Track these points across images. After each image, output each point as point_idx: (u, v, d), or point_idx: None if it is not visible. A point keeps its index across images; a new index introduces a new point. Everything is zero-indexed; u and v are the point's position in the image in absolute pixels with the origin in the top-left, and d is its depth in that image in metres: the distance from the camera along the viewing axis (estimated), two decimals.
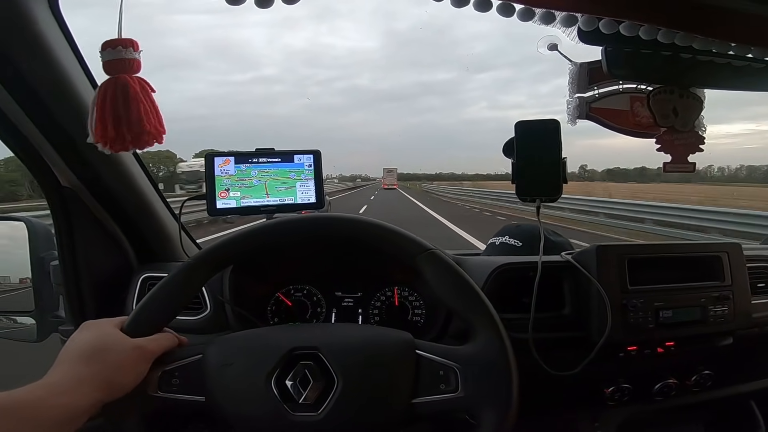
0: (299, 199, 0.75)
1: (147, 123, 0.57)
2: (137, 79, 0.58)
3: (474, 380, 0.47)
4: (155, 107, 0.59)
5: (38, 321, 0.83)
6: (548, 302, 0.73)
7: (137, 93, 0.57)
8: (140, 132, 0.57)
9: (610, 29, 0.66)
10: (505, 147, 0.74)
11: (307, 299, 0.83)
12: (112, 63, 0.56)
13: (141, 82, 0.58)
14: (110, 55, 0.56)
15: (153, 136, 0.59)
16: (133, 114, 0.56)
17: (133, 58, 0.57)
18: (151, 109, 0.58)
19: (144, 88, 0.58)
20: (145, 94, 0.58)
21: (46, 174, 0.71)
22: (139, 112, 0.56)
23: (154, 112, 0.58)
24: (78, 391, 0.42)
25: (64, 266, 0.76)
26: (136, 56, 0.57)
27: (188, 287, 0.54)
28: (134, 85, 0.57)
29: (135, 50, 0.57)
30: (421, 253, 0.54)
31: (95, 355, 0.45)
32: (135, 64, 0.57)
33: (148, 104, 0.58)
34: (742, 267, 0.77)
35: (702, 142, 0.77)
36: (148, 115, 0.57)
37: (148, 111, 0.57)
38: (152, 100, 0.59)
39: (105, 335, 0.47)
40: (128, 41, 0.56)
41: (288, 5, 0.61)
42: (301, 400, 0.46)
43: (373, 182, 74.06)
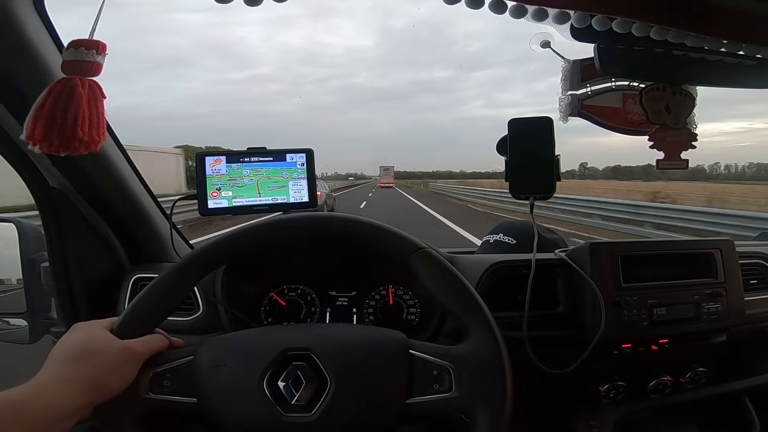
0: (292, 198, 0.75)
1: (81, 129, 0.55)
2: (88, 83, 0.56)
3: (468, 380, 0.47)
4: (99, 115, 0.57)
5: (30, 323, 0.82)
6: (542, 300, 0.73)
7: (81, 97, 0.54)
8: (71, 138, 0.55)
9: (603, 26, 0.66)
10: (499, 145, 0.74)
11: (301, 299, 0.82)
12: (71, 64, 0.54)
13: (92, 87, 0.56)
14: (71, 55, 0.54)
15: (84, 144, 0.56)
16: (69, 119, 0.54)
17: (93, 61, 0.55)
18: (93, 116, 0.56)
19: (93, 94, 0.56)
20: (92, 100, 0.56)
21: (34, 175, 0.70)
22: (76, 118, 0.54)
23: (94, 120, 0.56)
24: (65, 392, 0.42)
25: (54, 268, 0.75)
26: (98, 59, 0.55)
27: (180, 288, 0.53)
28: (81, 90, 0.55)
29: (99, 53, 0.55)
30: (415, 252, 0.54)
31: (83, 356, 0.45)
32: (94, 67, 0.55)
33: (92, 111, 0.56)
34: (734, 264, 0.77)
35: (694, 139, 0.77)
36: (84, 121, 0.55)
37: (86, 117, 0.55)
38: (98, 107, 0.57)
39: (93, 337, 0.47)
40: (93, 43, 0.55)
41: (280, 3, 0.61)
42: (294, 401, 0.46)
43: (368, 180, 72.33)
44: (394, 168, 59.41)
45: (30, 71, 0.61)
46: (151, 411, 0.48)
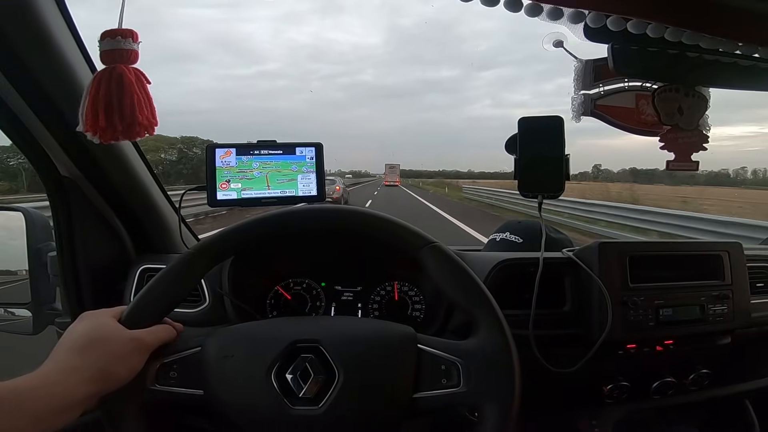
0: (300, 191, 0.75)
1: (140, 114, 0.56)
2: (133, 70, 0.57)
3: (476, 375, 0.46)
4: (149, 99, 0.58)
5: (34, 313, 0.82)
6: (549, 299, 0.73)
7: (132, 83, 0.56)
8: (132, 123, 0.56)
9: (618, 27, 0.65)
10: (508, 143, 0.74)
11: (306, 293, 0.82)
12: (110, 53, 0.56)
13: (137, 73, 0.57)
14: (108, 44, 0.55)
15: (145, 128, 0.58)
16: (126, 104, 0.55)
17: (131, 49, 0.56)
18: (145, 100, 0.58)
19: (139, 79, 0.57)
20: (140, 85, 0.57)
21: (45, 164, 0.70)
22: (133, 103, 0.56)
23: (147, 104, 0.58)
24: (71, 381, 0.41)
25: (62, 257, 0.75)
26: (135, 47, 0.57)
27: (187, 279, 0.53)
28: (129, 76, 0.56)
29: (134, 41, 0.56)
30: (425, 246, 0.54)
31: (90, 345, 0.44)
32: (133, 54, 0.57)
33: (143, 95, 0.57)
34: (742, 266, 0.77)
35: (706, 141, 0.77)
36: (141, 106, 0.57)
37: (142, 102, 0.57)
38: (147, 91, 0.58)
39: (101, 326, 0.47)
40: (128, 32, 0.56)
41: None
42: (302, 393, 0.46)
43: (373, 178, 69.38)
44: (400, 166, 57.03)
45: (48, 63, 0.61)
46: (156, 402, 0.48)
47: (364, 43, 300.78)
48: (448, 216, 12.24)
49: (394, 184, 49.26)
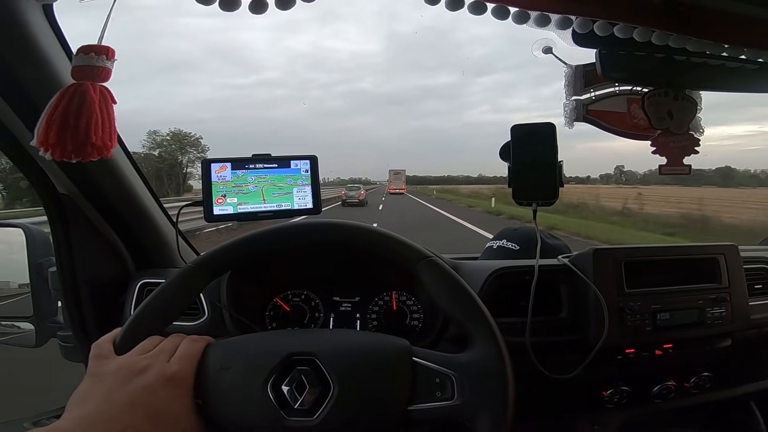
0: (296, 204, 0.75)
1: (94, 134, 0.55)
2: (99, 88, 0.56)
3: (470, 388, 0.47)
4: (110, 119, 0.57)
5: (37, 326, 0.83)
6: (545, 306, 0.73)
7: (93, 102, 0.55)
8: (84, 143, 0.55)
9: (605, 31, 0.66)
10: (502, 150, 0.74)
11: (305, 304, 0.83)
12: (80, 69, 0.55)
13: (103, 91, 0.56)
14: (81, 60, 0.55)
15: (98, 149, 0.56)
16: (81, 123, 0.54)
17: (102, 66, 0.55)
18: (106, 120, 0.56)
19: (104, 98, 0.56)
20: (103, 105, 0.56)
21: (43, 181, 0.71)
22: (90, 123, 0.54)
23: (107, 125, 0.56)
24: None
25: (62, 273, 0.76)
26: (108, 65, 0.56)
27: (185, 293, 0.54)
28: (93, 94, 0.55)
29: (109, 58, 0.56)
30: (421, 261, 0.55)
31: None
32: (103, 72, 0.56)
33: (104, 116, 0.56)
34: (739, 269, 0.77)
35: (697, 145, 0.77)
36: (98, 126, 0.55)
37: (99, 122, 0.55)
38: (109, 111, 0.57)
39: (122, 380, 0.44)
40: (103, 48, 0.55)
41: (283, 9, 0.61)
42: (297, 405, 0.46)
43: (375, 186, 66.17)
44: (405, 172, 52.58)
45: (39, 77, 0.61)
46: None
47: (362, 51, 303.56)
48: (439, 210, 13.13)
49: (400, 191, 46.73)
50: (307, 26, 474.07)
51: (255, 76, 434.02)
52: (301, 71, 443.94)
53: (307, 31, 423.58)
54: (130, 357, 0.47)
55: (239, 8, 0.59)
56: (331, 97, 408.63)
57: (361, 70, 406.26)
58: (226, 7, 0.58)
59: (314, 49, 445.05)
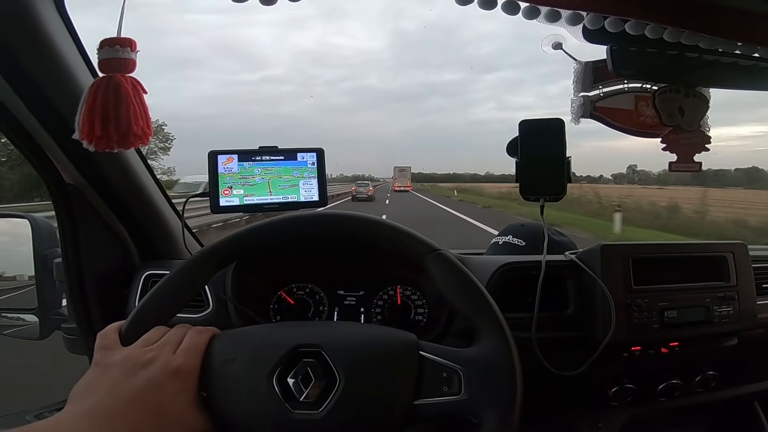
0: (302, 197, 0.75)
1: (135, 124, 0.57)
2: (130, 79, 0.57)
3: (477, 383, 0.46)
4: (145, 109, 0.59)
5: (41, 318, 0.83)
6: (552, 302, 0.73)
7: (128, 93, 0.56)
8: (127, 132, 0.57)
9: (616, 28, 0.65)
10: (509, 146, 0.74)
11: (309, 297, 0.82)
12: (108, 62, 0.56)
13: (134, 83, 0.58)
14: (107, 53, 0.56)
15: (139, 138, 0.58)
16: (122, 114, 0.56)
17: (128, 58, 0.57)
18: (141, 110, 0.58)
19: (136, 89, 0.58)
20: (137, 95, 0.58)
21: (50, 171, 0.71)
22: (129, 113, 0.56)
23: (143, 114, 0.58)
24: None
25: (67, 263, 0.76)
26: (133, 56, 0.57)
27: (191, 284, 0.53)
28: (126, 85, 0.56)
29: (132, 50, 0.57)
30: (429, 254, 0.54)
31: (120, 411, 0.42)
32: (130, 63, 0.57)
33: (138, 105, 0.58)
34: (747, 267, 0.77)
35: (708, 142, 0.76)
36: (137, 116, 0.57)
37: (138, 112, 0.57)
38: (143, 101, 0.59)
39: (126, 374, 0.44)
40: (126, 40, 0.56)
41: (293, 2, 0.61)
42: (302, 398, 0.45)
43: (378, 183, 63.29)
44: (411, 169, 50.57)
45: (50, 70, 0.62)
46: None
47: (367, 48, 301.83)
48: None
49: (405, 189, 44.56)
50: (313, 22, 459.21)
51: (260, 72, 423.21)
52: (307, 67, 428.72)
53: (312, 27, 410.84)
54: (135, 349, 0.47)
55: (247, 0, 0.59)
56: (336, 93, 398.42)
57: (366, 67, 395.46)
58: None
59: (320, 45, 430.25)
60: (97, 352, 0.47)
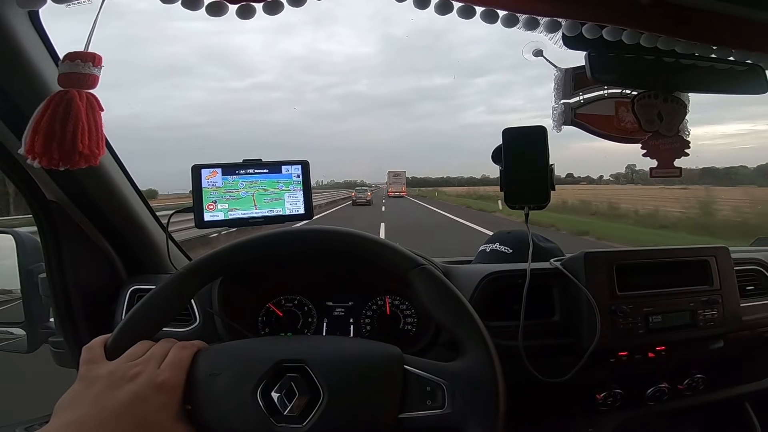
0: (288, 210, 0.75)
1: (80, 143, 0.55)
2: (86, 96, 0.56)
3: (461, 397, 0.47)
4: (98, 128, 0.57)
5: (28, 332, 0.83)
6: (538, 309, 0.73)
7: (79, 111, 0.54)
8: (71, 151, 0.55)
9: (594, 34, 0.66)
10: (494, 154, 0.74)
11: (297, 309, 0.82)
12: (67, 76, 0.55)
13: (90, 99, 0.56)
14: (67, 67, 0.54)
15: (84, 157, 0.56)
16: (68, 132, 0.54)
17: (89, 74, 0.55)
18: (92, 129, 0.56)
19: (91, 106, 0.56)
20: (90, 113, 0.56)
21: (31, 188, 0.71)
22: (75, 131, 0.54)
23: (94, 133, 0.56)
24: None
25: (52, 279, 0.75)
26: (95, 72, 0.56)
27: (176, 299, 0.54)
28: (79, 102, 0.55)
29: (95, 65, 0.55)
30: (413, 268, 0.55)
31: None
32: (91, 79, 0.56)
33: (90, 124, 0.56)
34: (730, 271, 0.77)
35: (687, 146, 0.77)
36: (84, 134, 0.55)
37: (86, 131, 0.55)
38: (96, 119, 0.57)
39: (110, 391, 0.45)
40: (89, 55, 0.55)
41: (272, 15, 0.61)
42: (287, 412, 0.46)
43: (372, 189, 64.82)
44: (405, 174, 47.48)
45: (26, 84, 0.61)
46: None
47: (357, 54, 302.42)
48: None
49: (400, 194, 42.92)
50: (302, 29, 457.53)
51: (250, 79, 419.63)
52: (297, 74, 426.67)
53: (302, 33, 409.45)
54: (120, 363, 0.47)
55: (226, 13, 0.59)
56: (326, 99, 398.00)
57: (357, 73, 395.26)
58: (213, 13, 0.58)
59: (309, 51, 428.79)
60: (82, 365, 0.48)
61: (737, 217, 10.17)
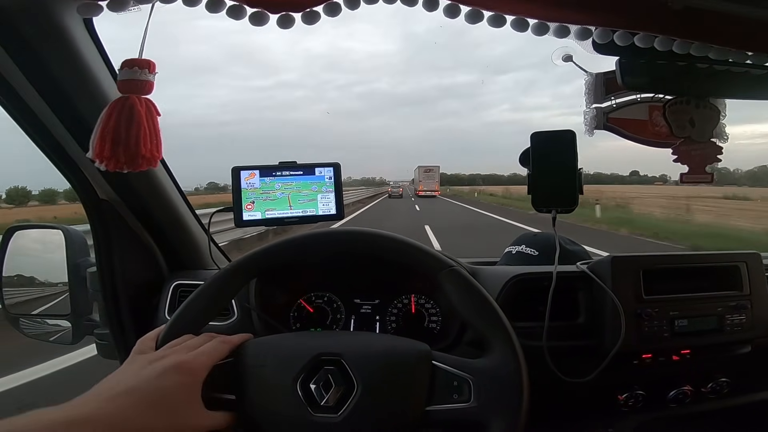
0: (320, 210, 0.78)
1: (143, 147, 0.58)
2: (145, 101, 0.59)
3: (486, 392, 0.49)
4: (156, 131, 0.60)
5: (73, 324, 0.87)
6: (563, 311, 0.75)
7: (141, 115, 0.58)
8: (136, 155, 0.58)
9: (625, 41, 0.66)
10: (522, 156, 0.75)
11: (327, 306, 0.86)
12: (126, 83, 0.58)
13: (148, 105, 0.60)
14: (126, 74, 0.58)
15: (147, 160, 0.60)
16: (132, 136, 0.57)
17: (146, 80, 0.59)
18: (152, 133, 0.60)
19: (150, 111, 0.60)
20: (149, 118, 0.59)
21: (85, 188, 0.76)
22: (139, 135, 0.58)
23: (153, 137, 0.60)
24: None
25: (102, 273, 0.80)
26: (150, 78, 0.59)
27: (223, 295, 0.58)
28: (140, 107, 0.58)
29: (151, 71, 0.59)
30: (443, 270, 0.57)
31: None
32: (147, 85, 0.59)
33: (150, 128, 0.59)
34: (761, 276, 0.77)
35: (720, 152, 0.76)
36: (146, 139, 0.59)
37: (147, 135, 0.59)
38: (155, 124, 0.60)
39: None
40: (145, 62, 0.58)
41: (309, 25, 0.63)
42: (323, 402, 0.49)
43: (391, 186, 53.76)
44: (439, 169, 39.37)
45: (82, 87, 0.65)
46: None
47: (378, 51, 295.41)
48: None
49: (432, 193, 36.39)
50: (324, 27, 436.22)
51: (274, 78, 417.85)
52: (319, 72, 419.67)
53: (323, 31, 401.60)
54: (161, 350, 0.52)
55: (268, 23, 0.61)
56: (348, 98, 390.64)
57: (378, 71, 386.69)
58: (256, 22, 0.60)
59: (331, 49, 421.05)
60: (132, 353, 0.52)
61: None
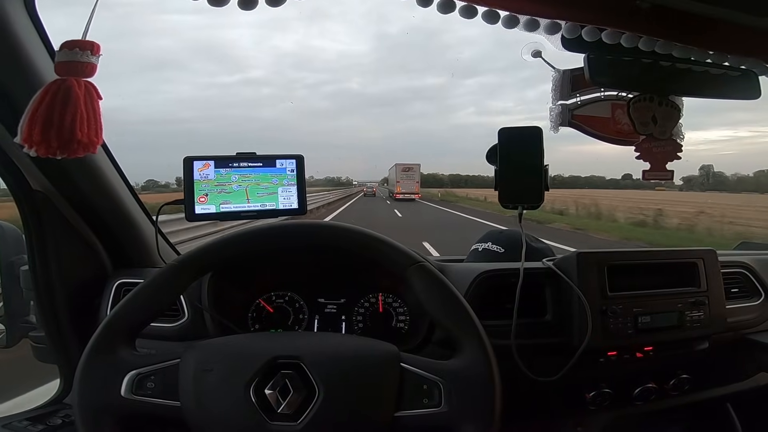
0: (281, 204, 0.74)
1: (79, 131, 0.54)
2: (84, 84, 0.55)
3: (457, 396, 0.47)
4: (96, 116, 0.56)
5: (8, 327, 0.80)
6: (530, 308, 0.74)
7: (79, 98, 0.54)
8: (70, 140, 0.54)
9: (593, 37, 0.67)
10: (489, 153, 0.74)
11: (288, 306, 0.81)
12: (65, 65, 0.54)
13: (88, 88, 0.55)
14: (65, 56, 0.54)
15: (84, 146, 0.56)
16: (66, 121, 0.53)
17: (87, 62, 0.54)
18: (90, 117, 0.55)
19: (90, 94, 0.55)
20: (89, 101, 0.55)
21: (15, 177, 0.69)
22: (74, 120, 0.53)
23: (92, 121, 0.55)
24: None
25: (35, 272, 0.73)
26: (93, 60, 0.55)
27: (167, 293, 0.53)
28: (78, 90, 0.54)
29: (94, 54, 0.55)
30: (411, 266, 0.55)
31: None
32: (89, 68, 0.55)
33: (89, 112, 0.55)
34: (716, 273, 0.79)
35: (680, 150, 0.78)
36: (83, 123, 0.54)
37: (84, 119, 0.54)
38: (96, 108, 0.56)
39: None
40: (87, 43, 0.54)
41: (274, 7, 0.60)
42: (281, 409, 0.45)
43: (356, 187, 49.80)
44: (420, 167, 31.05)
45: (17, 72, 0.60)
46: (132, 414, 0.47)
47: (350, 51, 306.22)
48: None
49: (411, 196, 29.24)
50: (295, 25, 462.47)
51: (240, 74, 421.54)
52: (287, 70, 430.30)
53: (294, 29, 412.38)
54: None
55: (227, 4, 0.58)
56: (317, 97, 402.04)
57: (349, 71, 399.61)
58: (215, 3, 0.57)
59: (301, 48, 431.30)
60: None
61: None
